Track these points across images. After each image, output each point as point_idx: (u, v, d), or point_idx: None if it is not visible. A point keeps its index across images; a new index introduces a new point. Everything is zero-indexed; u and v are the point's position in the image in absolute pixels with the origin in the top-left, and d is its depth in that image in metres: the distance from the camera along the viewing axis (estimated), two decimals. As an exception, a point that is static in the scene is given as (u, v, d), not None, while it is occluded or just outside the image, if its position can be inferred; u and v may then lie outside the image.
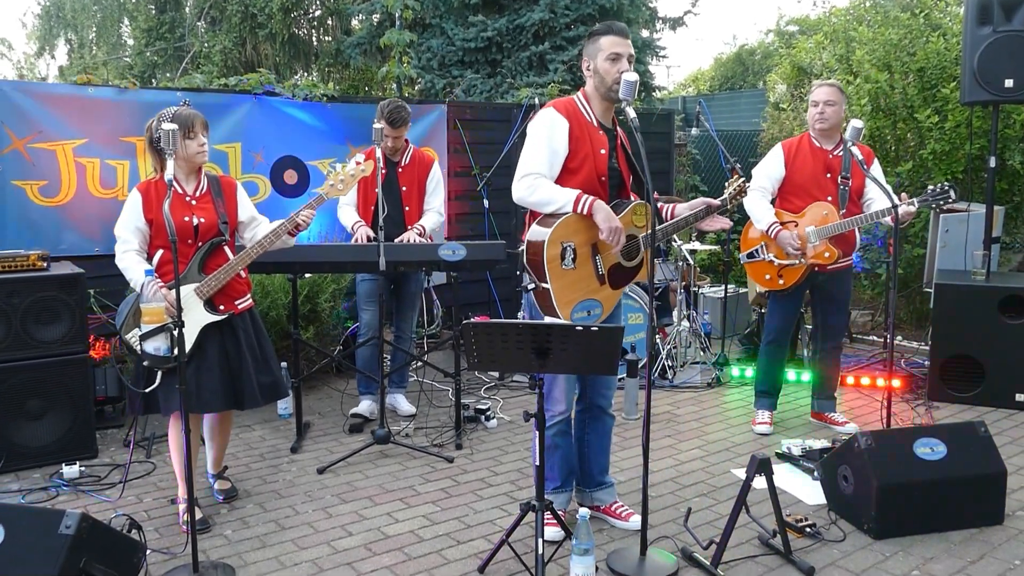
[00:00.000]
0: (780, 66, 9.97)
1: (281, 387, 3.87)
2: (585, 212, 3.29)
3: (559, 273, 3.30)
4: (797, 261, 4.65)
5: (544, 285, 3.30)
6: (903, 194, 4.52)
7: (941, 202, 4.39)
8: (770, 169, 4.77)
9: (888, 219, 4.48)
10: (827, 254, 4.61)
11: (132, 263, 3.51)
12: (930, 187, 4.42)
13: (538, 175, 3.34)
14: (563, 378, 3.48)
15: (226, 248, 3.66)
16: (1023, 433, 4.85)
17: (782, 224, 4.66)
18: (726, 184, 3.69)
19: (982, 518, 3.65)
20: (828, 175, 4.67)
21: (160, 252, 3.55)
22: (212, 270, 3.56)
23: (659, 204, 3.59)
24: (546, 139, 3.36)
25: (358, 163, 3.76)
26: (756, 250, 4.84)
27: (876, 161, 4.73)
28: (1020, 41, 5.42)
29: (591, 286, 3.40)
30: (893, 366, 4.22)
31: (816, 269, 4.69)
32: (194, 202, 3.59)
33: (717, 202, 3.57)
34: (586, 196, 3.30)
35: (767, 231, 4.68)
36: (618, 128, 3.55)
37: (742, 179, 3.71)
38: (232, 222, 3.69)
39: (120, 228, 3.55)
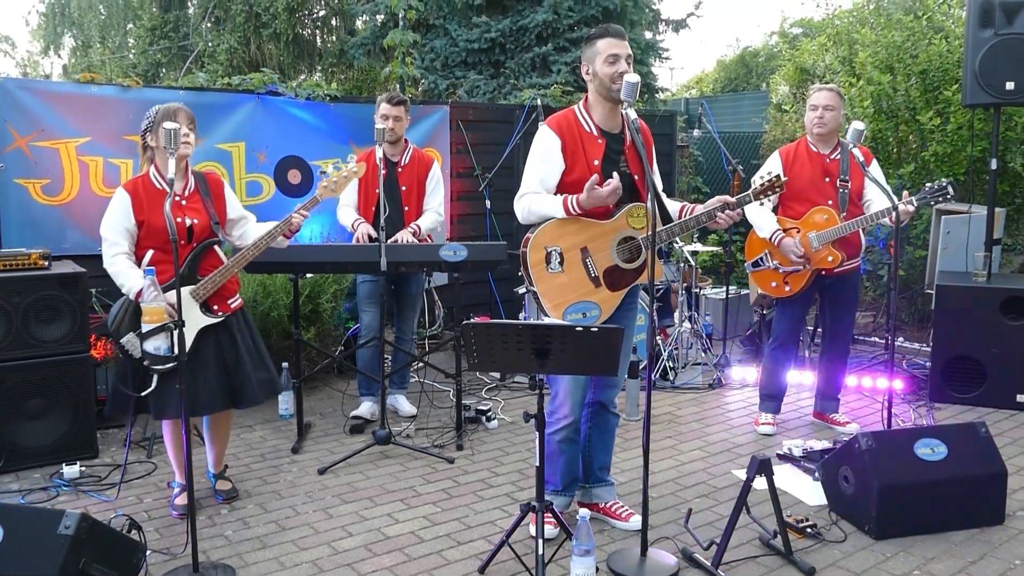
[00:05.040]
0: (783, 68, 9.97)
1: (277, 384, 3.87)
2: (576, 210, 3.34)
3: (544, 277, 3.37)
4: (801, 267, 4.65)
5: (533, 288, 3.38)
6: (904, 192, 4.51)
7: (940, 198, 4.41)
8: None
9: (888, 220, 4.48)
10: (830, 258, 4.61)
11: (124, 267, 3.48)
12: (928, 185, 4.43)
13: (531, 194, 3.44)
14: (567, 380, 3.47)
15: (217, 248, 3.67)
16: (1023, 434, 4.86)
17: (784, 231, 4.66)
18: (754, 178, 3.54)
19: (983, 518, 3.65)
20: (827, 179, 4.67)
21: (150, 253, 3.49)
22: (205, 271, 3.56)
23: (680, 206, 3.56)
24: (540, 158, 3.45)
25: (348, 164, 3.80)
26: (760, 258, 4.83)
27: (875, 161, 4.74)
28: (1021, 44, 5.42)
29: (583, 289, 3.41)
30: (894, 367, 4.22)
31: (823, 273, 4.69)
32: (184, 202, 3.57)
33: (733, 199, 3.46)
34: (572, 196, 3.35)
35: (770, 239, 4.67)
36: (627, 131, 3.47)
37: (777, 175, 3.53)
38: (222, 220, 3.69)
39: (107, 229, 3.49)
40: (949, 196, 4.42)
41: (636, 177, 3.48)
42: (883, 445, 3.59)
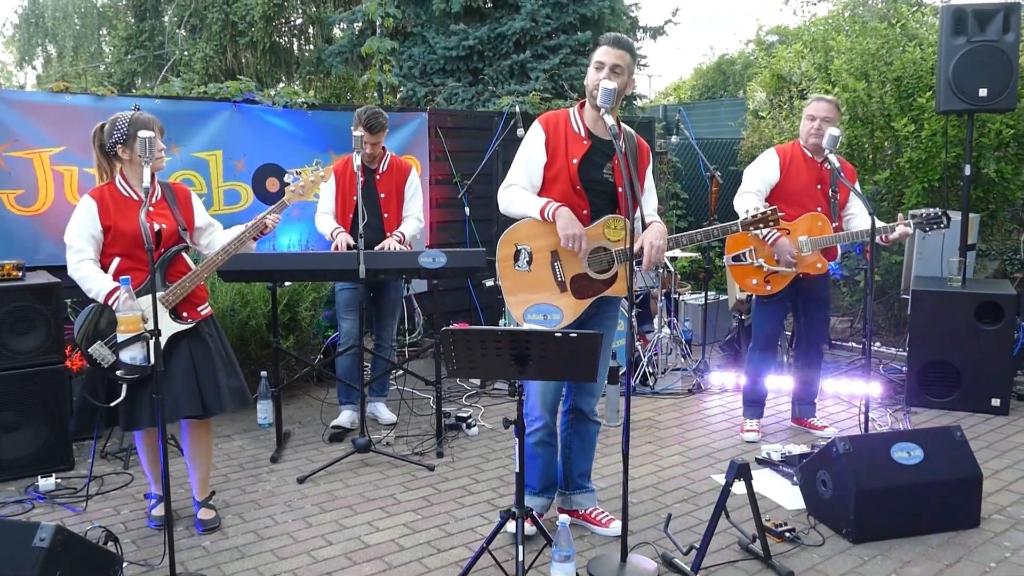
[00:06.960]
0: (760, 75, 10.05)
1: (247, 393, 3.77)
2: (550, 219, 3.37)
3: (510, 273, 3.44)
4: (789, 269, 4.69)
5: (498, 282, 3.46)
6: (899, 215, 4.58)
7: (935, 227, 4.52)
8: (765, 173, 4.74)
9: (878, 239, 4.56)
10: (819, 264, 4.66)
11: (91, 271, 3.43)
12: (924, 211, 4.52)
13: (515, 186, 3.48)
14: (538, 385, 3.49)
15: (185, 255, 3.64)
16: (999, 437, 4.91)
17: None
18: (745, 210, 3.69)
19: (959, 522, 3.68)
20: (819, 186, 4.72)
21: (117, 260, 3.47)
22: (173, 277, 3.52)
23: (650, 222, 3.57)
24: (526, 151, 3.50)
25: (317, 170, 3.81)
26: (744, 253, 4.81)
27: (856, 179, 4.80)
28: (994, 51, 5.51)
29: (548, 291, 3.44)
30: (871, 372, 4.26)
31: (800, 276, 4.72)
32: (151, 208, 3.52)
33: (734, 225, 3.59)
34: (552, 204, 3.38)
35: (764, 237, 4.70)
36: (620, 140, 3.35)
37: (768, 209, 3.77)
38: (190, 227, 3.67)
39: (72, 236, 3.44)
40: (944, 226, 4.54)
41: (620, 189, 3.48)
42: (860, 449, 3.62)
